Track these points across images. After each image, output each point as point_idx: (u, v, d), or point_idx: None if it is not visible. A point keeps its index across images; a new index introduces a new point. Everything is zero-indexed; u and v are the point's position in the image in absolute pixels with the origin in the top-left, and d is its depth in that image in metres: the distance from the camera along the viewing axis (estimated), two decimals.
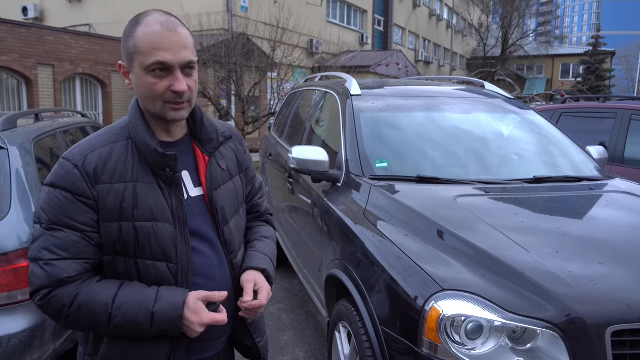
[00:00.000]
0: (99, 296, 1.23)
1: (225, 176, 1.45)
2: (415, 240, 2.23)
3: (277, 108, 11.89)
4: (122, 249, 1.28)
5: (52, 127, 3.40)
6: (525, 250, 2.03)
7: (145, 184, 1.29)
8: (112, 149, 1.30)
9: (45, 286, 1.22)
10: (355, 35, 24.80)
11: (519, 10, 37.31)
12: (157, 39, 1.24)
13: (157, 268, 1.29)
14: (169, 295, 1.27)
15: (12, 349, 2.36)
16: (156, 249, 1.28)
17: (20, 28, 11.63)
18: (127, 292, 1.25)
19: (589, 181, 2.98)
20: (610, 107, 5.70)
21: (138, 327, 1.24)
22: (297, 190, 3.81)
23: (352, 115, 3.27)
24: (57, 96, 12.40)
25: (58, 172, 1.26)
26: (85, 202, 1.25)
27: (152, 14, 1.28)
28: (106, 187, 1.26)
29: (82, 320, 1.25)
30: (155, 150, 1.29)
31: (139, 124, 1.32)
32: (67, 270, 1.22)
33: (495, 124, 3.56)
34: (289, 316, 4.13)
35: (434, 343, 1.82)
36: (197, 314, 1.26)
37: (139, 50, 1.25)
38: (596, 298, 1.80)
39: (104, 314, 1.23)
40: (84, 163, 1.26)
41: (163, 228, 1.29)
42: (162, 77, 1.25)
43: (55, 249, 1.22)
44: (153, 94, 1.27)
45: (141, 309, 1.24)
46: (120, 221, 1.26)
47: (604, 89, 33.64)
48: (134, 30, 1.26)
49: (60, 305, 1.23)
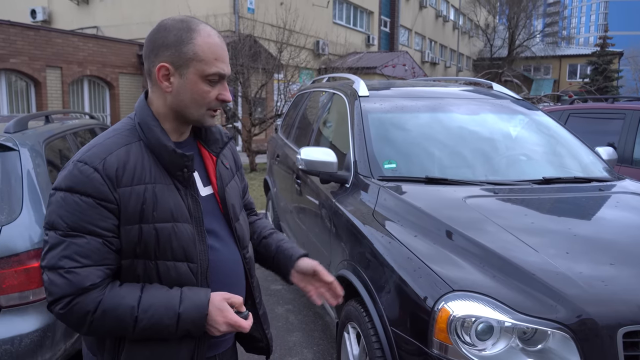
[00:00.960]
0: (124, 300, 1.23)
1: (229, 175, 1.50)
2: (424, 241, 2.23)
3: (283, 109, 11.91)
4: (142, 251, 1.27)
5: (62, 128, 3.42)
6: (535, 251, 2.03)
7: (163, 185, 1.29)
8: (128, 151, 1.28)
9: (67, 294, 1.20)
10: (362, 36, 24.80)
11: (526, 10, 37.22)
12: (218, 50, 1.30)
13: (178, 268, 1.30)
14: (193, 296, 1.27)
15: (24, 349, 2.37)
16: (177, 249, 1.29)
17: (29, 31, 11.74)
18: (151, 295, 1.25)
19: (598, 182, 2.97)
20: (619, 107, 5.67)
21: (164, 329, 1.25)
22: (305, 191, 3.81)
23: (360, 117, 3.28)
24: (65, 98, 12.49)
25: (76, 177, 1.22)
26: (107, 206, 1.23)
27: (203, 23, 1.32)
28: (127, 190, 1.25)
29: (107, 326, 1.23)
30: (173, 151, 1.29)
31: (153, 125, 1.32)
32: (90, 278, 1.21)
33: (503, 124, 3.56)
34: (296, 317, 4.14)
35: (444, 344, 1.82)
36: (223, 313, 1.27)
37: (200, 58, 1.27)
38: (607, 299, 1.80)
39: (130, 318, 1.22)
40: (105, 166, 1.23)
41: (183, 228, 1.30)
42: (214, 86, 1.31)
43: (76, 257, 1.20)
44: (204, 101, 1.31)
45: (167, 310, 1.24)
46: (141, 223, 1.26)
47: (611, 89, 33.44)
48: (191, 37, 1.28)
49: (83, 312, 1.21)
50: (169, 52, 1.27)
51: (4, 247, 2.36)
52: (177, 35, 1.27)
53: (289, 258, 1.60)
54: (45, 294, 1.24)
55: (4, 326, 2.36)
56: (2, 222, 2.42)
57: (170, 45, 1.27)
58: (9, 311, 2.38)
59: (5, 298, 2.36)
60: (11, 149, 2.65)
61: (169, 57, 1.28)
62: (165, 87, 1.30)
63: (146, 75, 1.36)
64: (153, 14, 16.29)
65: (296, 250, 1.62)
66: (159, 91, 1.32)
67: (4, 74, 11.40)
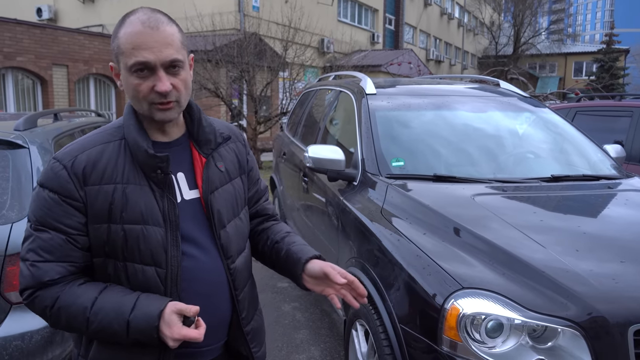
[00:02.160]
0: (78, 300, 1.22)
1: (223, 178, 1.40)
2: (433, 238, 2.23)
3: (288, 107, 11.92)
4: (110, 251, 1.25)
5: (70, 126, 3.44)
6: (544, 248, 2.03)
7: (135, 186, 1.26)
8: (103, 150, 1.27)
9: (29, 287, 1.22)
10: (366, 34, 24.76)
11: (531, 8, 37.05)
12: (137, 38, 1.20)
13: (145, 272, 1.26)
14: (146, 305, 1.22)
15: (34, 345, 2.39)
16: (145, 252, 1.25)
17: (35, 29, 11.78)
18: (107, 298, 1.23)
19: (607, 180, 2.96)
20: (626, 105, 5.65)
21: (114, 334, 1.22)
22: (312, 189, 3.82)
23: (367, 114, 3.28)
24: (71, 96, 12.53)
25: (47, 173, 1.24)
26: (72, 204, 1.22)
27: (136, 12, 1.24)
28: (95, 189, 1.23)
29: (64, 322, 1.24)
30: (145, 151, 1.25)
31: (131, 123, 1.29)
32: (49, 273, 1.21)
33: (511, 122, 3.55)
34: (303, 315, 4.15)
35: (453, 341, 1.82)
36: (170, 327, 1.19)
37: (121, 50, 1.22)
38: (618, 296, 1.80)
39: (82, 318, 1.21)
40: (73, 164, 1.23)
41: (152, 231, 1.25)
42: (146, 78, 1.22)
43: (40, 251, 1.21)
44: (138, 95, 1.23)
45: (117, 316, 1.20)
46: (109, 223, 1.24)
47: (617, 87, 33.28)
48: (118, 30, 1.24)
49: (42, 306, 1.23)
50: (112, 51, 1.27)
51: (14, 244, 2.38)
52: (113, 31, 1.26)
53: (297, 262, 1.44)
54: None
55: (15, 322, 2.37)
56: (13, 219, 2.44)
57: (111, 43, 1.27)
58: (19, 307, 2.39)
59: (16, 294, 2.38)
60: (21, 147, 2.67)
61: (112, 55, 1.27)
62: (119, 85, 1.29)
63: None
64: None
65: (305, 252, 1.46)
66: None
67: (10, 72, 11.45)
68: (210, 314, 1.31)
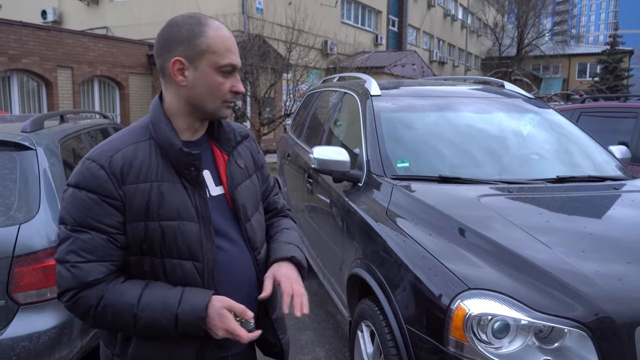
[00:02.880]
0: (124, 297, 1.25)
1: (243, 174, 1.48)
2: (439, 239, 2.23)
3: (292, 109, 11.93)
4: (148, 248, 1.29)
5: (77, 128, 3.46)
6: (550, 249, 2.03)
7: (169, 184, 1.30)
8: (136, 149, 1.30)
9: (72, 288, 1.24)
10: (370, 36, 24.76)
11: (535, 9, 36.99)
12: (228, 42, 1.32)
13: (184, 267, 1.30)
14: (192, 297, 1.27)
15: (42, 346, 2.40)
16: (182, 247, 1.29)
17: (40, 31, 11.83)
18: (152, 293, 1.26)
19: (612, 181, 2.96)
20: (631, 106, 5.64)
21: (162, 328, 1.25)
22: (317, 190, 3.82)
23: (372, 116, 3.28)
24: (75, 98, 12.57)
25: (83, 174, 1.26)
26: (111, 203, 1.25)
27: (212, 18, 1.34)
28: (132, 187, 1.26)
29: (109, 321, 1.26)
30: (180, 150, 1.30)
31: (163, 123, 1.33)
32: (93, 273, 1.24)
33: (515, 123, 3.55)
34: (308, 316, 4.15)
35: (460, 342, 1.82)
36: (222, 319, 1.26)
37: (212, 49, 1.29)
38: (625, 297, 1.79)
39: (130, 314, 1.24)
40: (110, 164, 1.26)
41: (189, 227, 1.30)
42: (227, 78, 1.32)
43: (81, 252, 1.23)
44: (219, 92, 1.32)
45: (165, 311, 1.24)
46: (147, 221, 1.27)
47: (622, 88, 33.16)
48: (202, 30, 1.30)
49: (87, 306, 1.24)
50: (182, 47, 1.29)
51: (22, 245, 2.39)
52: (189, 29, 1.30)
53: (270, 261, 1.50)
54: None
55: (23, 323, 2.39)
56: (20, 220, 2.45)
57: (183, 40, 1.29)
58: (27, 308, 2.41)
59: (24, 295, 2.40)
60: (28, 148, 2.68)
61: (182, 51, 1.29)
62: (180, 81, 1.31)
63: (159, 73, 1.37)
64: (163, 14, 16.35)
65: (275, 252, 1.52)
66: (172, 87, 1.34)
67: (15, 74, 11.50)
68: (243, 304, 1.34)
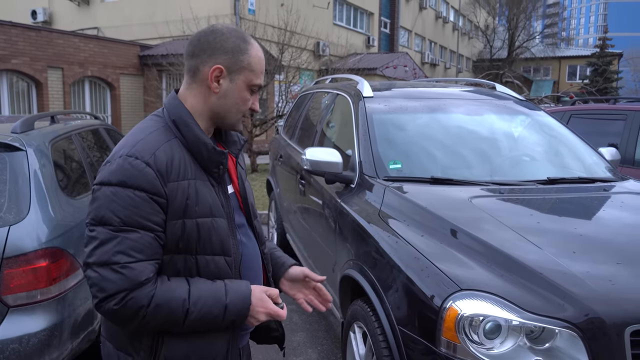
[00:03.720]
0: (175, 294, 1.25)
1: (244, 175, 1.57)
2: (431, 240, 2.24)
3: (284, 110, 11.92)
4: (184, 246, 1.30)
5: (67, 129, 3.43)
6: (541, 250, 2.04)
7: (201, 181, 1.34)
8: (171, 147, 1.31)
9: (123, 290, 1.20)
10: (362, 37, 24.81)
11: (525, 12, 37.25)
12: (263, 64, 1.40)
13: (217, 262, 1.34)
14: (236, 287, 1.33)
15: (32, 348, 2.38)
16: (216, 243, 1.33)
17: (30, 31, 11.74)
18: (199, 287, 1.29)
19: (602, 182, 2.99)
20: (620, 108, 5.69)
21: (213, 320, 1.29)
22: (309, 191, 3.82)
23: (364, 117, 3.29)
24: (66, 99, 12.49)
25: (128, 171, 1.22)
26: (158, 201, 1.24)
27: (251, 37, 1.41)
28: (175, 185, 1.27)
29: (158, 320, 1.24)
30: (213, 149, 1.34)
31: (191, 122, 1.35)
32: (145, 272, 1.22)
33: (506, 125, 3.57)
34: (300, 317, 4.15)
35: (452, 342, 1.83)
36: (264, 303, 1.34)
37: (252, 68, 1.36)
38: (615, 298, 1.81)
39: (182, 310, 1.25)
40: (155, 160, 1.25)
41: (220, 223, 1.35)
42: (252, 95, 1.40)
43: (130, 252, 1.21)
44: (244, 107, 1.39)
45: (215, 302, 1.28)
46: (184, 218, 1.28)
47: (611, 90, 33.45)
48: (247, 48, 1.36)
49: (137, 306, 1.21)
50: (226, 57, 1.34)
51: (12, 246, 2.37)
52: (235, 43, 1.35)
53: (281, 266, 1.63)
54: (92, 291, 1.22)
55: (12, 325, 2.37)
56: (10, 221, 2.43)
57: (228, 51, 1.34)
58: (16, 310, 2.39)
59: (13, 297, 2.38)
60: (18, 149, 2.66)
61: (225, 60, 1.34)
62: (214, 87, 1.35)
63: (187, 73, 1.38)
64: (154, 15, 16.30)
65: (287, 258, 1.66)
66: (202, 90, 1.36)
67: (5, 75, 11.40)
68: None
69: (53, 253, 2.49)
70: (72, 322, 2.61)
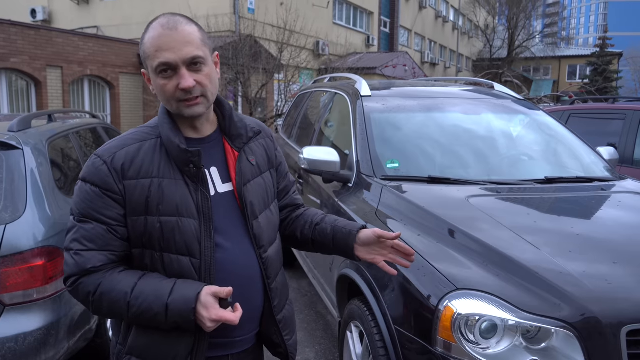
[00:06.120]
0: (119, 285, 1.29)
1: (254, 171, 1.47)
2: (428, 239, 2.24)
3: (283, 109, 11.93)
4: (148, 242, 1.33)
5: (65, 128, 3.43)
6: (538, 249, 2.04)
7: (171, 180, 1.34)
8: (140, 147, 1.36)
9: (73, 274, 1.31)
10: (362, 37, 24.80)
11: (525, 11, 37.21)
12: (158, 40, 1.28)
13: (181, 262, 1.33)
14: (184, 288, 1.29)
15: (28, 347, 2.38)
16: (180, 243, 1.32)
17: (29, 30, 11.71)
18: (146, 283, 1.30)
19: (600, 182, 2.98)
20: (619, 108, 5.69)
21: (154, 317, 1.28)
22: (307, 190, 3.82)
23: (362, 116, 3.29)
24: (65, 98, 12.47)
25: (89, 168, 1.33)
26: (111, 196, 1.31)
27: (158, 18, 1.33)
28: (132, 183, 1.32)
29: (105, 308, 1.31)
30: (178, 147, 1.33)
31: (165, 122, 1.38)
32: (92, 261, 1.29)
33: (505, 124, 3.57)
34: (298, 316, 4.15)
35: (448, 342, 1.83)
36: (207, 309, 1.26)
37: (147, 55, 1.31)
38: (611, 297, 1.81)
39: (123, 302, 1.28)
40: (113, 160, 1.32)
41: (187, 223, 1.33)
42: (170, 77, 1.30)
43: (83, 240, 1.30)
44: (166, 95, 1.32)
45: (156, 300, 1.28)
46: (147, 215, 1.32)
47: (611, 90, 33.46)
48: (143, 37, 1.33)
49: (85, 292, 1.30)
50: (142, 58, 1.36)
51: (8, 245, 2.37)
52: (141, 39, 1.35)
53: (348, 235, 1.52)
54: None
55: (8, 324, 2.37)
56: (7, 220, 2.43)
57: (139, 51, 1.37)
58: (13, 309, 2.39)
59: (10, 296, 2.37)
60: (15, 148, 2.66)
61: (143, 62, 1.36)
62: (152, 90, 1.37)
63: None
64: (153, 14, 16.19)
65: (353, 225, 1.55)
66: None
67: (4, 74, 11.38)
68: (244, 305, 1.34)
69: (49, 252, 2.49)
70: (68, 321, 2.60)
